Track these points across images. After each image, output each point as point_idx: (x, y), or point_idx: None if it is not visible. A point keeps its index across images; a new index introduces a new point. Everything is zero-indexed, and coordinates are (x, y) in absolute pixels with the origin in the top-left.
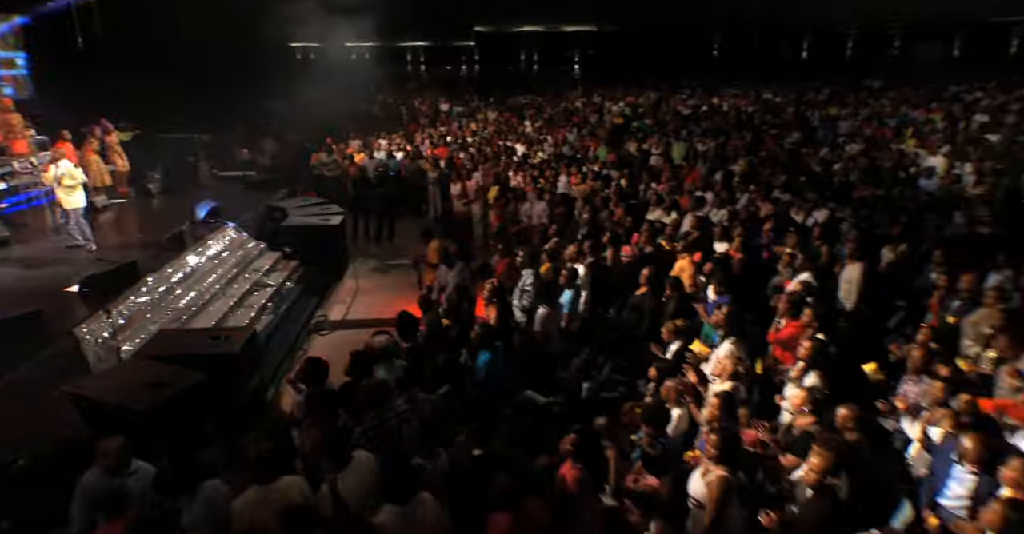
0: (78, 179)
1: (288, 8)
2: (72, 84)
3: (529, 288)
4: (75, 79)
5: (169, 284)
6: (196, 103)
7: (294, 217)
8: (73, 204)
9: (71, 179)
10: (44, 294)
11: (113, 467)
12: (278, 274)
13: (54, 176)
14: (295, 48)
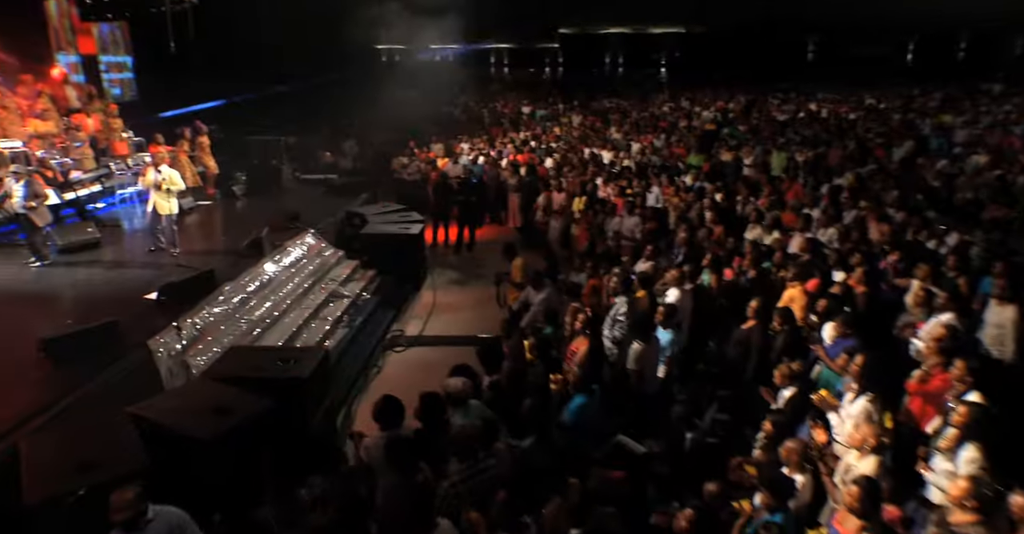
0: (177, 185)
1: (375, 10)
2: (166, 87)
3: (622, 318)
4: (169, 82)
5: (245, 293)
6: (282, 106)
7: (373, 224)
8: (168, 210)
9: (171, 185)
10: (124, 300)
11: (130, 520)
12: (355, 284)
13: (154, 181)
14: (380, 50)
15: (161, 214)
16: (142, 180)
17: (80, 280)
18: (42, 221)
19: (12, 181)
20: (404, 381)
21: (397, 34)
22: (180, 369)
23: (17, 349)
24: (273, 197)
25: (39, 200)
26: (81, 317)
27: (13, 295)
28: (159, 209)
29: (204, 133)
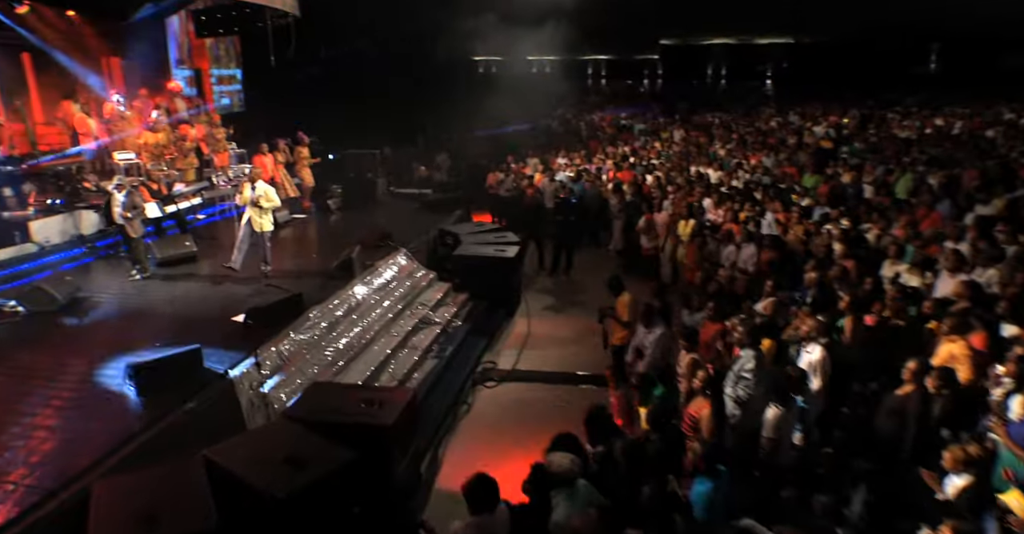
0: (273, 202)
1: (473, 22)
2: (270, 99)
3: (748, 375)
4: (273, 94)
5: (332, 319)
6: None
7: (467, 245)
8: (263, 227)
9: (267, 201)
10: (214, 320)
11: None
12: (445, 310)
13: (250, 197)
14: (477, 62)
15: (256, 230)
16: (239, 197)
17: (174, 296)
18: (135, 233)
19: (115, 192)
20: (495, 422)
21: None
22: (260, 402)
23: (107, 373)
24: (367, 212)
25: (136, 211)
26: (172, 336)
27: (112, 311)
28: (254, 225)
29: (305, 144)
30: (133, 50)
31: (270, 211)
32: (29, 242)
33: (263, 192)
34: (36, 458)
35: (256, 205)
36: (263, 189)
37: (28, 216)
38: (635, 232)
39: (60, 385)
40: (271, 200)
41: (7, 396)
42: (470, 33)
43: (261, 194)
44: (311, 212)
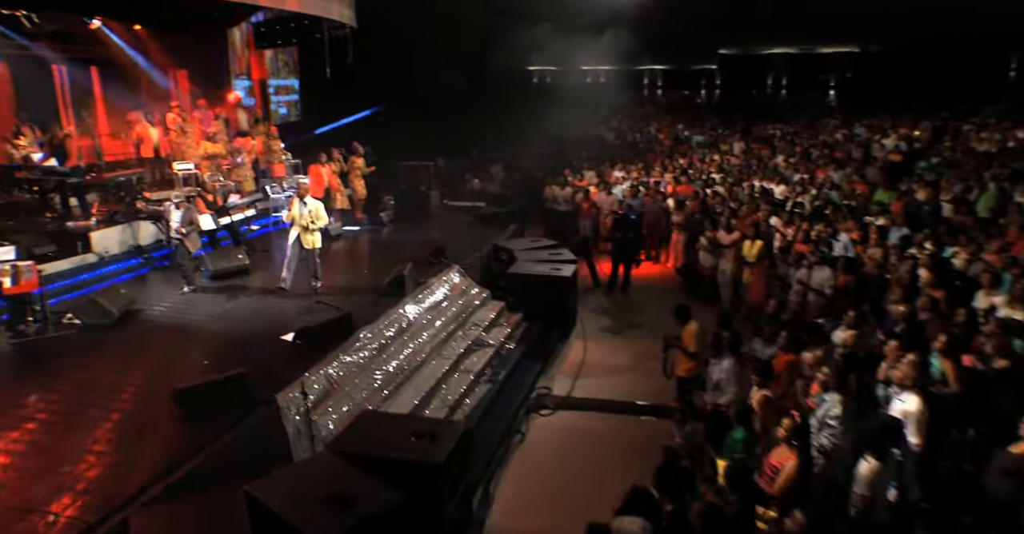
0: (322, 219)
1: (529, 33)
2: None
3: (835, 422)
4: (329, 104)
5: (383, 340)
6: (432, 128)
7: (521, 262)
8: (312, 244)
9: (316, 218)
10: (263, 339)
11: None
12: (499, 330)
13: (299, 213)
14: (532, 71)
15: (305, 247)
16: (286, 213)
17: (224, 311)
18: (193, 247)
19: (172, 207)
20: (551, 454)
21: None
22: (307, 429)
23: (154, 394)
24: (419, 225)
25: (192, 227)
26: (220, 354)
27: (163, 326)
28: (303, 243)
29: (360, 154)
30: (195, 62)
31: (319, 228)
32: (90, 253)
33: (313, 208)
34: (81, 485)
35: (303, 222)
36: (313, 205)
37: (90, 227)
38: (695, 250)
39: (112, 404)
40: (320, 218)
41: (66, 413)
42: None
43: (311, 210)
44: (363, 224)
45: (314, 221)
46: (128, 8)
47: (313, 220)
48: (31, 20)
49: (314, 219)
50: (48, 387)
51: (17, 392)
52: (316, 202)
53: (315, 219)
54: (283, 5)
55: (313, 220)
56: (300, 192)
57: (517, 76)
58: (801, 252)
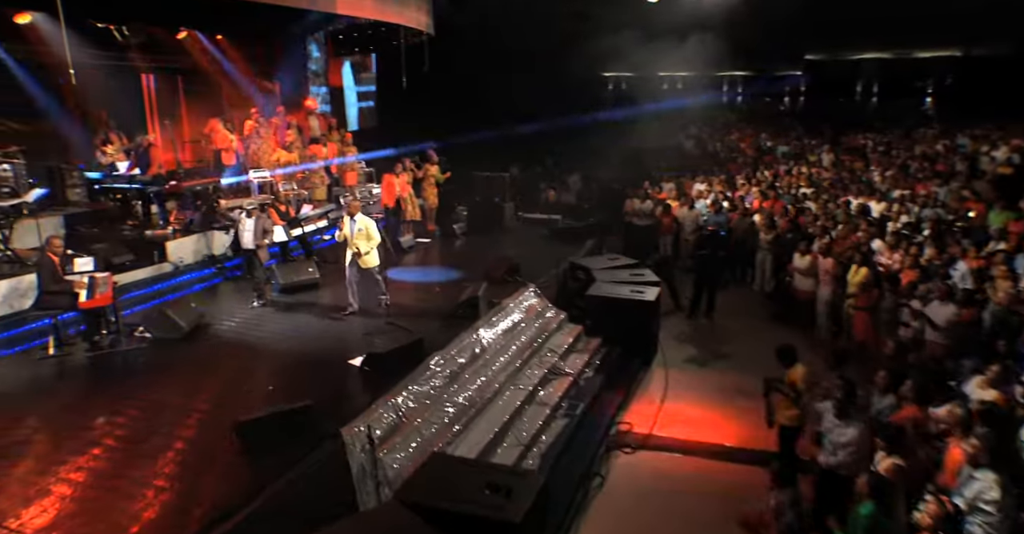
0: (374, 239)
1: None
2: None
3: (990, 508)
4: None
5: (455, 367)
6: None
7: (600, 284)
8: (368, 263)
9: (368, 237)
10: (330, 361)
11: None
12: (577, 357)
13: (350, 233)
14: (607, 77)
15: (363, 267)
16: (338, 233)
17: (293, 329)
18: (263, 259)
19: (243, 215)
20: (632, 499)
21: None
22: (372, 467)
23: (219, 419)
24: (493, 239)
25: (267, 236)
26: (286, 378)
27: (231, 342)
28: (360, 264)
29: (434, 161)
30: (274, 70)
31: (373, 248)
32: (165, 262)
33: (363, 226)
34: (135, 528)
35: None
36: (363, 223)
37: (167, 236)
38: (786, 272)
39: (176, 430)
40: (372, 236)
41: (130, 440)
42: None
43: (363, 228)
44: (435, 236)
45: (365, 242)
46: (212, 19)
47: (363, 241)
48: (122, 32)
49: (367, 236)
50: (116, 408)
51: (86, 411)
52: (367, 219)
53: (367, 237)
54: (361, 13)
55: (363, 241)
56: (350, 209)
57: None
58: (915, 283)
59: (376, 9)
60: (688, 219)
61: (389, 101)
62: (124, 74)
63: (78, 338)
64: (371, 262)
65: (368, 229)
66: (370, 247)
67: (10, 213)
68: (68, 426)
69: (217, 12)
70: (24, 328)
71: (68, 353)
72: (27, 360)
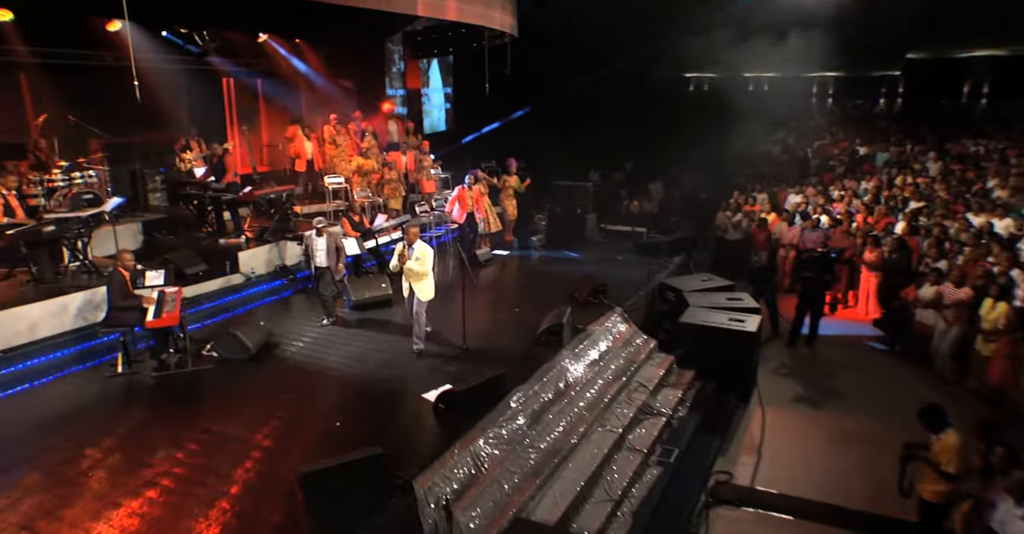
0: (424, 269)
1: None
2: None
3: None
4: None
5: (538, 405)
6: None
7: (695, 309)
8: (424, 295)
9: (419, 267)
10: (398, 394)
11: None
12: (670, 392)
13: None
14: (688, 78)
15: (422, 300)
16: (394, 262)
17: (362, 353)
18: (337, 275)
19: (313, 234)
20: None
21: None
22: (446, 525)
23: (281, 457)
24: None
25: (339, 253)
26: (355, 412)
27: (299, 365)
28: (418, 293)
29: (513, 171)
30: (352, 73)
31: (428, 276)
32: (237, 273)
33: (421, 255)
34: None
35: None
36: (421, 252)
37: (240, 245)
38: (897, 297)
39: (235, 472)
40: (423, 267)
41: (187, 481)
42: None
43: (419, 256)
44: (513, 247)
45: (419, 268)
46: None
47: (418, 266)
48: (202, 36)
49: (418, 267)
50: (177, 439)
51: (146, 442)
52: (425, 248)
53: (418, 267)
54: (444, 15)
55: (418, 266)
56: (408, 237)
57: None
58: None
59: (459, 10)
60: (787, 236)
61: (464, 103)
62: (205, 79)
63: (147, 354)
64: (425, 294)
65: (424, 258)
66: (423, 278)
67: (90, 222)
68: (127, 460)
69: (297, 15)
70: (96, 342)
71: (135, 372)
72: (96, 377)
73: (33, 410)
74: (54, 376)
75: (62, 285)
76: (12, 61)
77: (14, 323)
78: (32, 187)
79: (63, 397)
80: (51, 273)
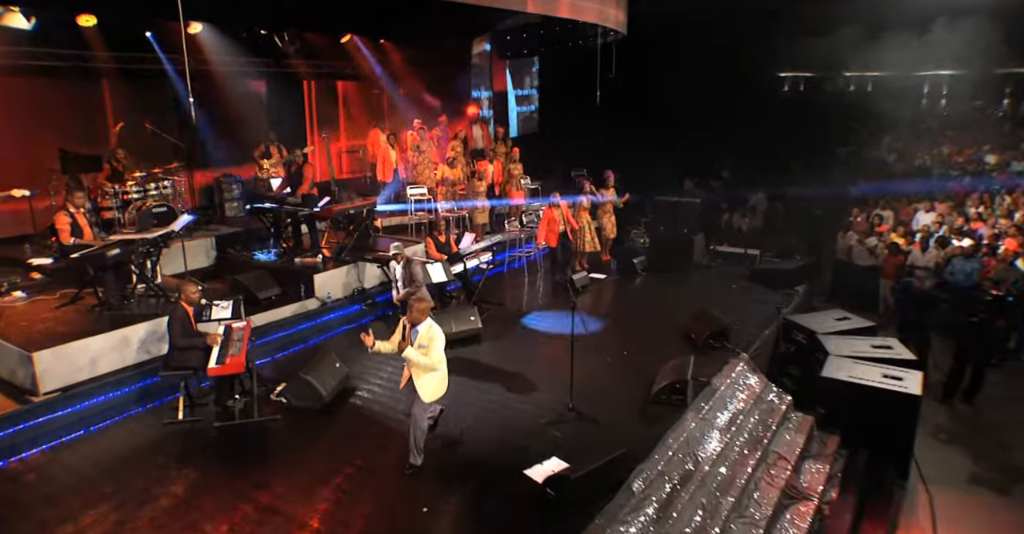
0: (432, 358)
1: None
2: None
3: None
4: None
5: (665, 491)
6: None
7: (837, 361)
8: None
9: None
10: (499, 462)
11: None
12: (813, 467)
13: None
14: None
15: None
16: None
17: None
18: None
19: (394, 263)
20: None
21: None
22: None
23: None
24: (681, 280)
25: (415, 285)
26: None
27: (374, 418)
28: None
29: (611, 184)
30: (438, 74)
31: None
32: (313, 297)
33: (427, 340)
34: None
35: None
36: (427, 336)
37: (317, 266)
38: None
39: None
40: (428, 358)
41: None
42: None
43: (424, 344)
44: (611, 269)
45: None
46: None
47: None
48: (283, 38)
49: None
50: (229, 516)
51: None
52: (435, 332)
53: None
54: (555, 11)
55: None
56: (412, 314)
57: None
58: None
59: (571, 6)
60: (920, 263)
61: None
62: (285, 82)
63: (212, 395)
64: (428, 393)
65: (432, 346)
66: (428, 373)
67: (159, 243)
68: None
69: (382, 14)
70: (157, 378)
71: (197, 419)
72: (155, 422)
73: (86, 460)
74: (111, 420)
75: (126, 313)
76: (94, 67)
77: (76, 358)
78: (107, 199)
79: (114, 448)
80: (117, 297)
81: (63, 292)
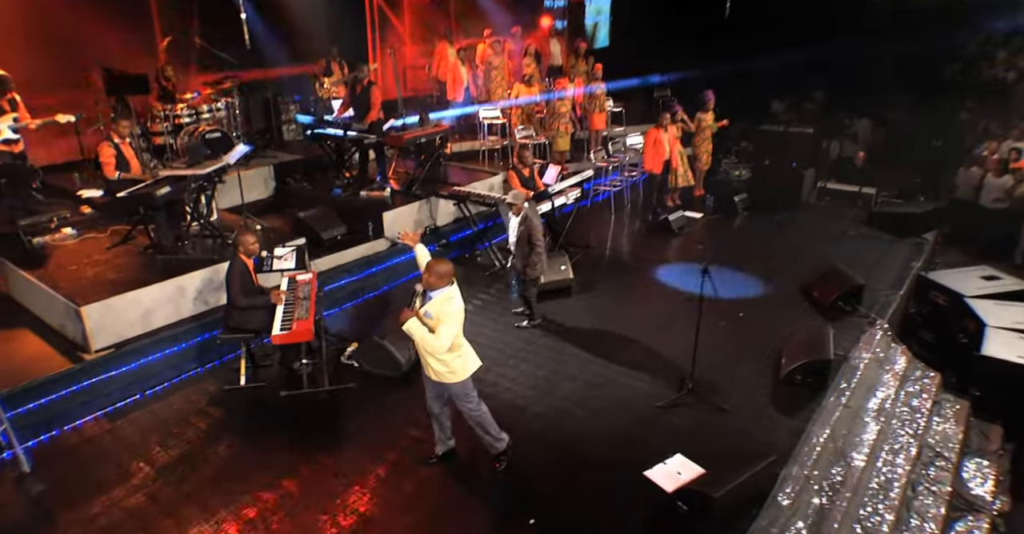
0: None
1: None
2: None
3: None
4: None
5: (816, 505)
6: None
7: (998, 336)
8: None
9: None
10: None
11: None
12: (977, 470)
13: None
14: None
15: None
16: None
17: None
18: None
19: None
20: None
21: None
22: None
23: None
24: (788, 222)
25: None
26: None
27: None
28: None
29: (710, 107)
30: None
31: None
32: (382, 237)
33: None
34: None
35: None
36: (440, 306)
37: (385, 200)
38: None
39: None
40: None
41: None
42: None
43: (434, 312)
44: (706, 207)
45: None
46: None
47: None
48: None
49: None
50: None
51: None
52: (452, 301)
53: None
54: None
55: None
56: (428, 278)
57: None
58: None
59: None
60: None
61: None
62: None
63: (276, 353)
64: (448, 375)
65: (446, 320)
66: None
67: (212, 177)
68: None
69: None
70: (216, 333)
71: (261, 384)
72: (215, 384)
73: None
74: (167, 383)
75: (181, 257)
76: None
77: (126, 311)
78: (157, 123)
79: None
80: (170, 239)
81: (114, 229)
